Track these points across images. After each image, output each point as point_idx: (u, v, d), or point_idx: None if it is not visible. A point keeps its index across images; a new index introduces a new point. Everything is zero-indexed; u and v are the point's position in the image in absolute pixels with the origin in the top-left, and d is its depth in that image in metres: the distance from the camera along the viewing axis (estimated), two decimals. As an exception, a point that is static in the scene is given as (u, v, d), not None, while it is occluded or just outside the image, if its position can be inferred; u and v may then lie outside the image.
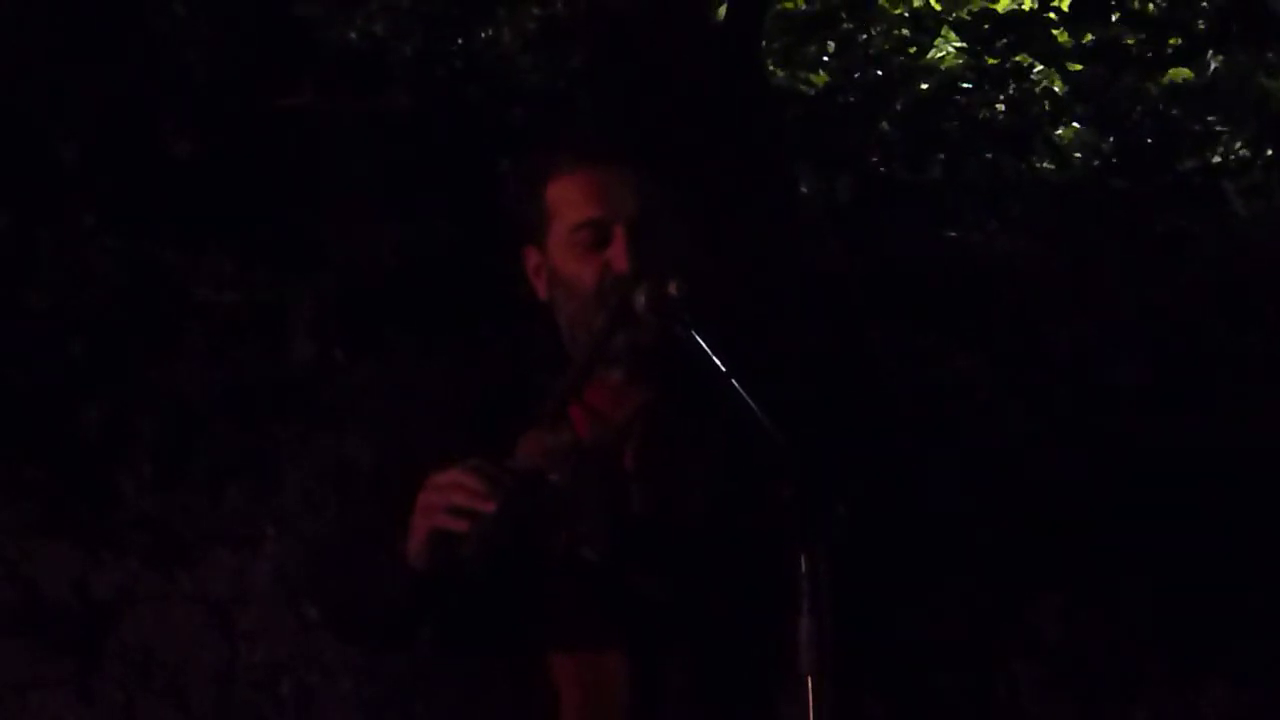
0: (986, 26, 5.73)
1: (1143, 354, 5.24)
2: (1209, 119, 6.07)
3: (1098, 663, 4.93)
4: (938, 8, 5.96)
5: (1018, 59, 5.84)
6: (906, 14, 5.96)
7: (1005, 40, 5.76)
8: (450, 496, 2.14)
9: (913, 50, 5.97)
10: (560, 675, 2.27)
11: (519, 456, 2.16)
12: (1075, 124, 6.13)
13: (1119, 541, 4.99)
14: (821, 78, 5.96)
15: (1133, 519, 4.99)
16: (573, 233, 2.31)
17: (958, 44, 6.03)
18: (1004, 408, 5.12)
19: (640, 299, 2.23)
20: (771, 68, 5.68)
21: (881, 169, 5.82)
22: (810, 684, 2.03)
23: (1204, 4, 5.59)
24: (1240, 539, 4.98)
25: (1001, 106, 5.98)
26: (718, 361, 2.16)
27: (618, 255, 2.27)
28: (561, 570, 2.23)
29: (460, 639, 2.32)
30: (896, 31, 5.99)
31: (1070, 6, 5.63)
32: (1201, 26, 5.67)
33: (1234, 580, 4.93)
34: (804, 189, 4.88)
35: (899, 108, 5.91)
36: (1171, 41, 5.69)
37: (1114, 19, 5.66)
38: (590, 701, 2.26)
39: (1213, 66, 5.89)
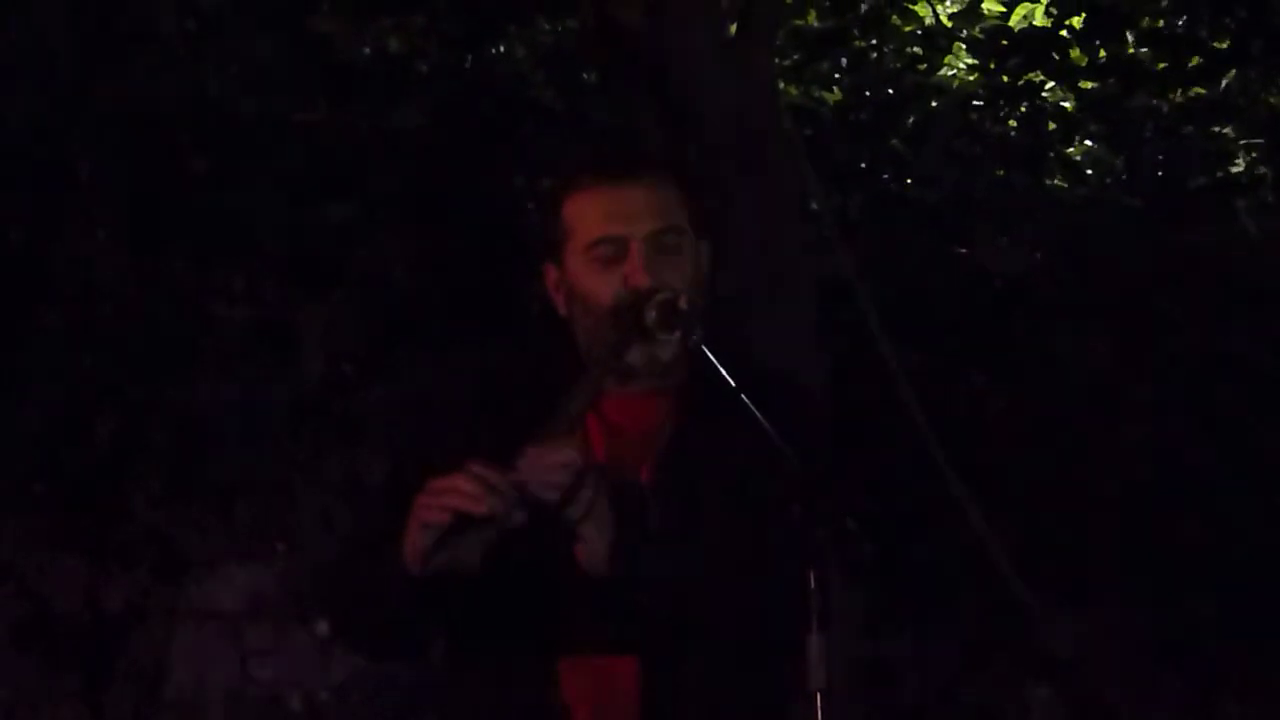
0: (1005, 42, 5.73)
1: (1154, 370, 5.24)
2: (1221, 135, 6.07)
3: (1109, 682, 4.92)
4: (949, 25, 5.96)
5: (1030, 76, 5.84)
6: (919, 31, 5.96)
7: (1017, 58, 5.76)
8: (445, 499, 2.14)
9: (923, 67, 5.98)
10: (572, 687, 2.27)
11: (522, 467, 2.15)
12: (1087, 141, 6.12)
13: (1132, 559, 4.99)
14: (834, 94, 5.97)
15: (1145, 535, 4.99)
16: (589, 248, 2.31)
17: (969, 61, 6.03)
18: (1016, 423, 5.12)
19: (652, 314, 2.23)
20: (783, 84, 5.67)
21: (893, 186, 5.82)
22: (819, 701, 2.03)
23: (1229, 21, 5.58)
24: (1255, 555, 4.97)
25: (1013, 124, 5.98)
26: (727, 376, 2.16)
27: (634, 270, 2.28)
28: (572, 583, 2.23)
29: (471, 650, 2.31)
30: (908, 49, 5.99)
31: (1083, 24, 5.63)
32: (1219, 45, 5.66)
33: (1248, 596, 4.93)
34: (815, 205, 4.88)
35: (911, 124, 5.92)
36: (1192, 63, 5.68)
37: (1130, 39, 5.66)
38: (601, 714, 2.26)
39: (1225, 83, 5.88)
